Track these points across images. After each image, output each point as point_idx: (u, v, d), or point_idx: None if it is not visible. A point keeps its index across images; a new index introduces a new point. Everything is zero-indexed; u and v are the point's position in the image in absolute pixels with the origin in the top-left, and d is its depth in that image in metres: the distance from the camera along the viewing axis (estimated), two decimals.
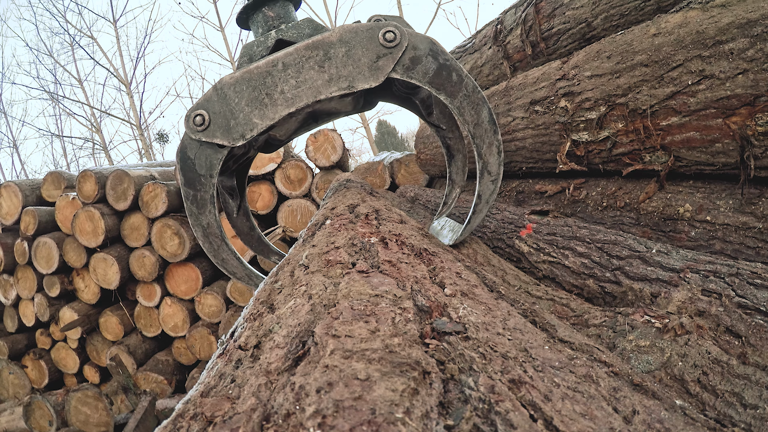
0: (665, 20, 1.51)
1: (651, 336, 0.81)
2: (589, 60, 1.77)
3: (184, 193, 1.33)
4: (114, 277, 4.01)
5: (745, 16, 1.27)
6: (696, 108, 1.38)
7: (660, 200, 1.61)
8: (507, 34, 2.60)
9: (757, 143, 1.24)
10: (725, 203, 1.43)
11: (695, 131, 1.42)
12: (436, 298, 0.60)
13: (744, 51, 1.26)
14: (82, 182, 4.01)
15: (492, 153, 1.37)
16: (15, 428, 3.28)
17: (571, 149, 1.92)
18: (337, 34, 1.23)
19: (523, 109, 2.20)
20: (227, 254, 1.44)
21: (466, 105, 1.30)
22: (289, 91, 1.25)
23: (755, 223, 1.31)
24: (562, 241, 1.52)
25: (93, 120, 18.19)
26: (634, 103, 1.56)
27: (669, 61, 1.44)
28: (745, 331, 0.81)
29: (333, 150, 4.15)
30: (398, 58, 1.23)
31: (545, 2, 2.27)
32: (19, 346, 4.56)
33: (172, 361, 4.26)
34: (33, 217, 4.25)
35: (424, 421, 0.32)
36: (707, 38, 1.34)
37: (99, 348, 4.40)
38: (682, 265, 1.12)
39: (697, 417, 0.46)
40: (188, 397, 0.46)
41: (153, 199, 3.91)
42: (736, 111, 1.29)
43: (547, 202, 2.19)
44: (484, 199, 1.44)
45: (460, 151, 1.88)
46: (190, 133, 1.25)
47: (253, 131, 1.26)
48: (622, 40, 1.65)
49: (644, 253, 1.25)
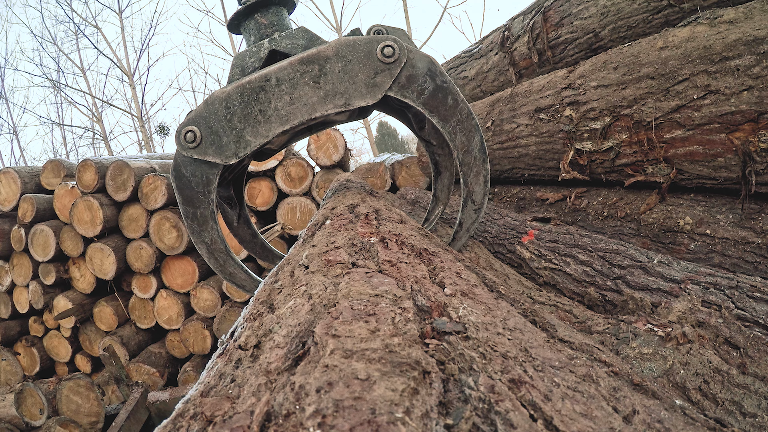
0: (673, 34, 1.52)
1: (654, 344, 0.82)
2: (596, 70, 1.79)
3: (183, 212, 1.29)
4: (110, 268, 4.02)
5: (752, 33, 1.28)
6: (700, 122, 1.39)
7: (661, 212, 1.62)
8: (514, 40, 2.60)
9: (759, 159, 1.25)
10: (725, 217, 1.44)
11: (698, 145, 1.43)
12: (436, 298, 0.60)
13: (750, 68, 1.26)
14: (82, 171, 4.01)
15: (478, 182, 1.34)
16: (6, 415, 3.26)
17: (574, 158, 1.95)
18: (333, 48, 1.18)
19: (528, 116, 2.21)
20: (234, 268, 1.41)
21: (459, 131, 1.27)
22: (283, 108, 1.20)
23: (754, 238, 1.33)
24: (564, 249, 1.54)
25: (94, 110, 18.16)
26: (639, 114, 1.57)
27: (675, 75, 1.44)
28: (744, 343, 0.83)
29: (335, 149, 4.15)
30: (396, 75, 1.19)
31: (553, 11, 2.28)
32: (11, 333, 4.56)
33: (165, 354, 4.27)
34: (31, 204, 4.24)
35: (424, 421, 0.32)
36: (714, 54, 1.34)
37: (92, 338, 4.40)
38: (682, 276, 1.14)
39: (697, 417, 0.46)
40: (188, 396, 0.46)
41: (153, 191, 3.92)
42: (739, 127, 1.29)
43: (548, 209, 2.20)
44: (465, 227, 1.42)
45: (448, 169, 1.85)
46: (182, 150, 1.20)
47: (246, 149, 1.21)
48: (629, 51, 1.66)
49: (645, 264, 1.26)
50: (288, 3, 1.40)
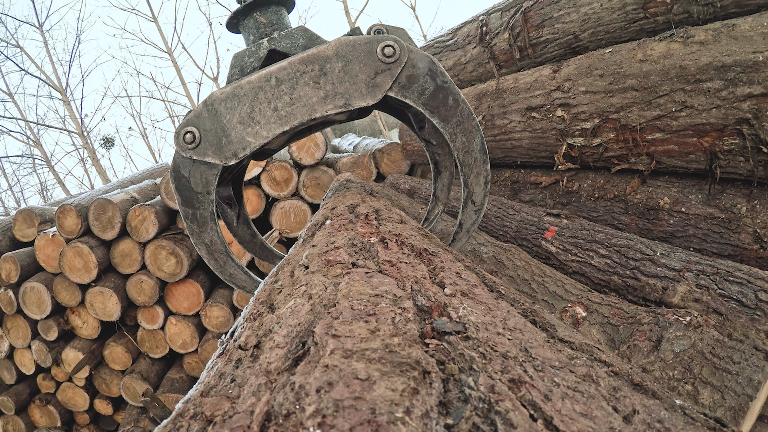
0: (650, 47, 1.81)
1: (681, 329, 1.20)
2: (582, 75, 2.06)
3: (182, 213, 1.28)
4: (114, 309, 3.87)
5: (720, 59, 1.59)
6: (677, 129, 1.73)
7: (643, 193, 1.97)
8: (493, 36, 2.76)
9: (723, 157, 1.66)
10: (696, 197, 1.81)
11: (675, 145, 1.77)
12: (436, 298, 0.60)
13: (719, 91, 1.60)
14: (62, 218, 3.82)
15: (479, 183, 1.33)
16: None
17: (567, 151, 2.21)
18: (333, 48, 1.17)
19: (520, 114, 2.45)
20: (234, 269, 1.39)
21: (459, 131, 1.26)
22: (282, 109, 1.19)
23: (719, 214, 1.72)
24: (585, 244, 1.84)
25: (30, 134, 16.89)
26: (626, 119, 1.87)
27: (657, 90, 1.76)
28: (725, 312, 1.26)
29: (316, 147, 4.15)
30: (396, 75, 1.17)
31: (534, 12, 2.42)
32: (22, 397, 4.33)
33: (186, 377, 4.15)
34: (14, 263, 3.99)
35: (424, 421, 0.32)
36: (689, 74, 1.67)
37: (108, 380, 4.22)
38: (680, 266, 1.49)
39: (697, 417, 0.46)
40: (188, 396, 0.46)
41: (142, 223, 3.77)
42: (708, 134, 1.66)
43: (543, 192, 2.45)
44: (465, 228, 1.42)
45: (448, 169, 1.84)
46: (181, 151, 1.19)
47: (246, 150, 1.20)
48: (612, 59, 1.95)
49: (652, 256, 1.59)
50: (287, 2, 1.40)
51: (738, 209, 1.66)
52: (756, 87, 1.51)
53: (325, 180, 4.18)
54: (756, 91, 1.50)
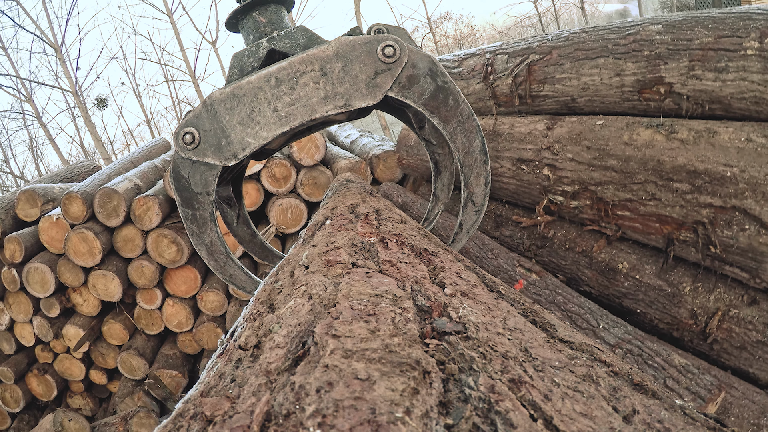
0: (637, 132, 2.01)
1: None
2: (572, 142, 2.29)
3: (182, 214, 1.28)
4: (116, 290, 4.04)
5: (694, 164, 1.78)
6: (643, 213, 1.99)
7: (607, 253, 2.23)
8: (497, 77, 2.91)
9: (678, 244, 1.92)
10: (650, 268, 2.05)
11: (639, 224, 2.03)
12: (436, 298, 0.60)
13: (685, 193, 1.82)
14: (68, 204, 3.94)
15: (479, 184, 1.33)
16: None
17: (547, 204, 2.47)
18: (334, 48, 1.16)
19: (511, 162, 2.68)
20: (234, 270, 1.40)
21: (459, 132, 1.25)
22: (282, 109, 1.18)
23: (666, 287, 1.98)
24: (544, 303, 2.07)
25: (23, 89, 16.37)
26: (602, 194, 2.14)
27: (633, 177, 2.00)
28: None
29: (316, 149, 4.26)
30: (397, 75, 1.17)
31: (538, 68, 2.56)
32: (21, 366, 4.48)
33: (179, 354, 4.33)
34: (18, 243, 4.10)
35: (424, 421, 0.32)
36: (663, 171, 1.88)
37: (105, 352, 4.40)
38: (614, 341, 1.77)
39: (697, 417, 0.46)
40: (188, 396, 0.46)
41: (146, 212, 3.92)
42: (669, 224, 1.91)
43: (522, 232, 2.70)
44: (465, 229, 1.42)
45: (448, 168, 1.84)
46: (181, 152, 1.19)
47: (245, 151, 1.19)
48: (601, 134, 2.17)
49: (595, 328, 1.87)
50: (287, 1, 1.39)
51: (683, 287, 1.92)
52: (716, 199, 1.73)
53: (323, 180, 4.28)
54: (716, 203, 1.73)
